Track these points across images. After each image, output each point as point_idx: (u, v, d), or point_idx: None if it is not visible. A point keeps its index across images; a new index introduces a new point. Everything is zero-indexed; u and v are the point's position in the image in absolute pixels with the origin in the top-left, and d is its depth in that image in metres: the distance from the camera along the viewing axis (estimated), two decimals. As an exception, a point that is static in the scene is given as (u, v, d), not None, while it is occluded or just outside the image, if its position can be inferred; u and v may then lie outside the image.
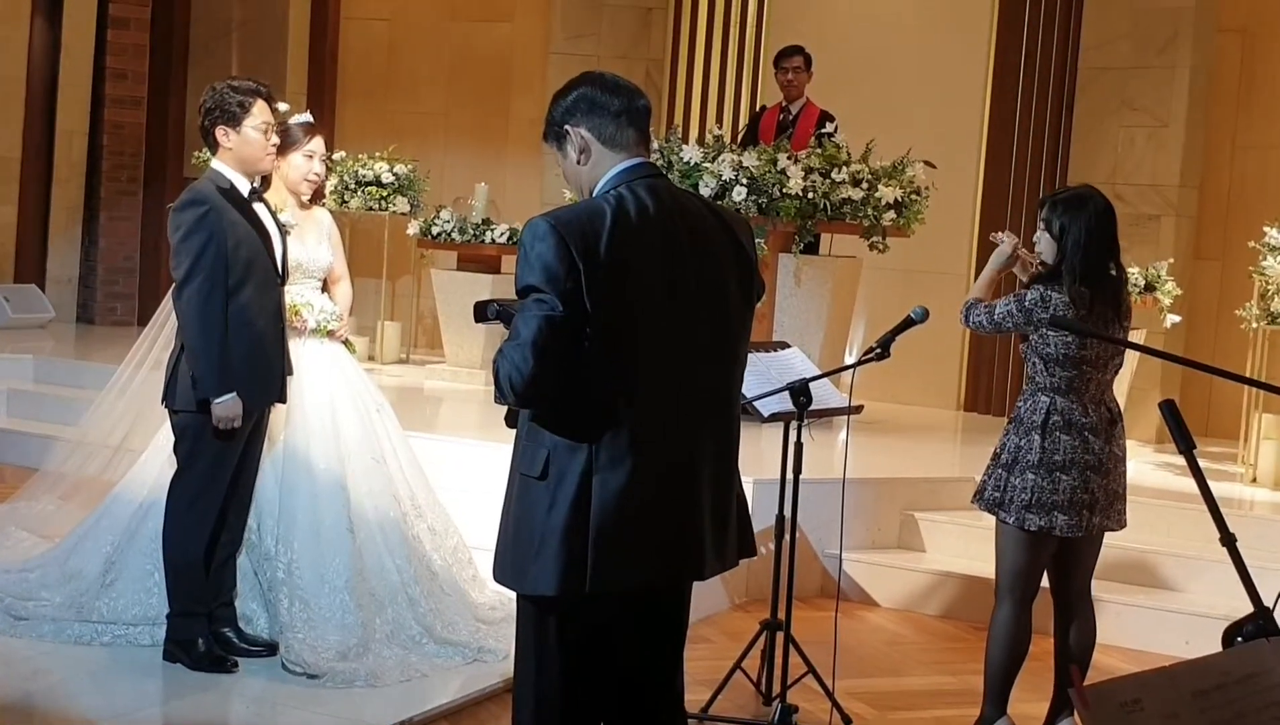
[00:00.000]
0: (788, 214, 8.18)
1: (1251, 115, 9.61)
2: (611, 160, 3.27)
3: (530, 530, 3.18)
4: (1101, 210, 4.71)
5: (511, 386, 3.10)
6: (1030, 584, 4.79)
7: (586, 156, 3.28)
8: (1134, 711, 2.02)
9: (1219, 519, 2.73)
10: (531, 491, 3.18)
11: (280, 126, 5.27)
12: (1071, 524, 4.68)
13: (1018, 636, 4.79)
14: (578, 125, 3.28)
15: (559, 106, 3.32)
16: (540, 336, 3.05)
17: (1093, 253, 4.65)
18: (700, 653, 5.86)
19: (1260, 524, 6.64)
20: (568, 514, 3.14)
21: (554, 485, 3.15)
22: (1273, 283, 7.60)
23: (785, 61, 9.31)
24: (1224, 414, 8.94)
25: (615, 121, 3.27)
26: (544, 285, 3.06)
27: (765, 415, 5.08)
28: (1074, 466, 4.66)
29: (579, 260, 3.06)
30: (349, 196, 10.26)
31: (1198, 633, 5.86)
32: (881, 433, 8.57)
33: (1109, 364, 4.77)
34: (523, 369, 3.07)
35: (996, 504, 4.76)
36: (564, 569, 3.15)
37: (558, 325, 3.06)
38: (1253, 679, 2.14)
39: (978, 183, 10.06)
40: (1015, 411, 4.82)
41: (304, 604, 5.21)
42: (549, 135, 3.36)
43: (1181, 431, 2.80)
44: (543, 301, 3.07)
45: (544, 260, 3.07)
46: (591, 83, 3.31)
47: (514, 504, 3.24)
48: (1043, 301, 4.68)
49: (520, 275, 3.11)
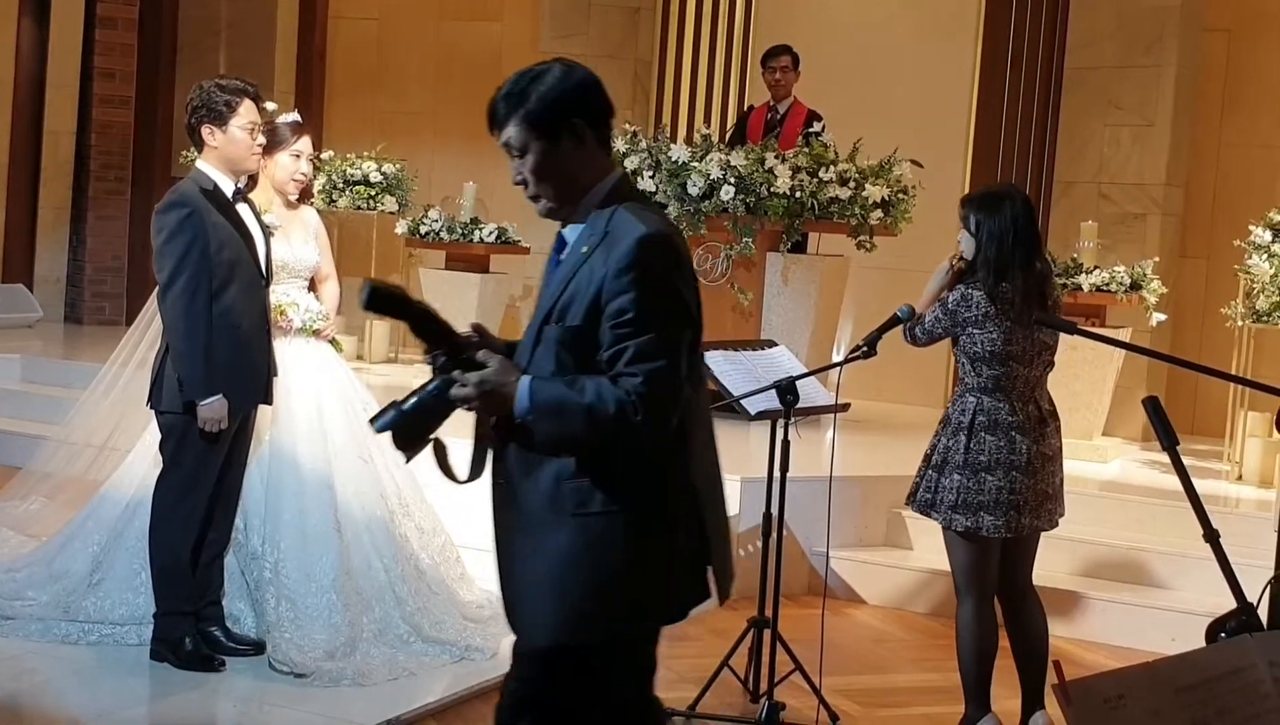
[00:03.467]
0: (775, 213, 8.19)
1: (1237, 114, 9.63)
2: (607, 164, 3.08)
3: (619, 565, 2.98)
4: (1019, 207, 4.74)
5: (667, 415, 2.94)
6: (986, 579, 4.80)
7: (582, 156, 3.02)
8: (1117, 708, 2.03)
9: (1202, 515, 2.75)
10: (610, 527, 2.97)
11: (267, 126, 5.27)
12: (999, 524, 4.69)
13: (982, 632, 4.79)
14: (584, 120, 3.02)
15: (558, 91, 2.99)
16: (681, 359, 2.97)
17: (1007, 248, 4.67)
18: (687, 651, 5.86)
19: (1245, 522, 6.66)
20: (683, 535, 3.05)
21: (647, 510, 3.00)
22: (1258, 281, 7.62)
23: (772, 61, 9.32)
24: (1210, 412, 8.96)
25: (609, 123, 3.09)
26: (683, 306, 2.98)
27: (752, 413, 5.09)
28: (999, 467, 4.67)
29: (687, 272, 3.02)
30: (337, 196, 10.25)
31: (1183, 630, 5.87)
32: (868, 431, 8.58)
33: (1036, 360, 4.78)
34: (674, 395, 2.95)
35: (928, 505, 4.80)
36: (673, 592, 3.08)
37: (691, 342, 3.01)
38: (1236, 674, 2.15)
39: (964, 182, 10.07)
40: (945, 412, 4.85)
41: (291, 603, 5.20)
42: (533, 121, 2.98)
43: (1165, 428, 2.81)
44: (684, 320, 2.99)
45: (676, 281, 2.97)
46: (586, 72, 3.06)
47: (572, 551, 2.98)
48: (964, 301, 4.71)
49: (652, 291, 2.91)
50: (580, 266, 2.98)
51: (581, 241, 3.02)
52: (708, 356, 5.23)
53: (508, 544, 3.08)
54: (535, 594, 3.01)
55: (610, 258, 2.92)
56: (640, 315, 2.89)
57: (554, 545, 2.98)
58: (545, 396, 2.93)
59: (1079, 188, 9.45)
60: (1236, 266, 7.89)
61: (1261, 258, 7.63)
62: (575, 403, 2.90)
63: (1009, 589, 4.91)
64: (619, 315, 2.90)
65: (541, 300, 3.08)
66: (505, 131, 3.02)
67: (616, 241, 2.94)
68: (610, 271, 2.91)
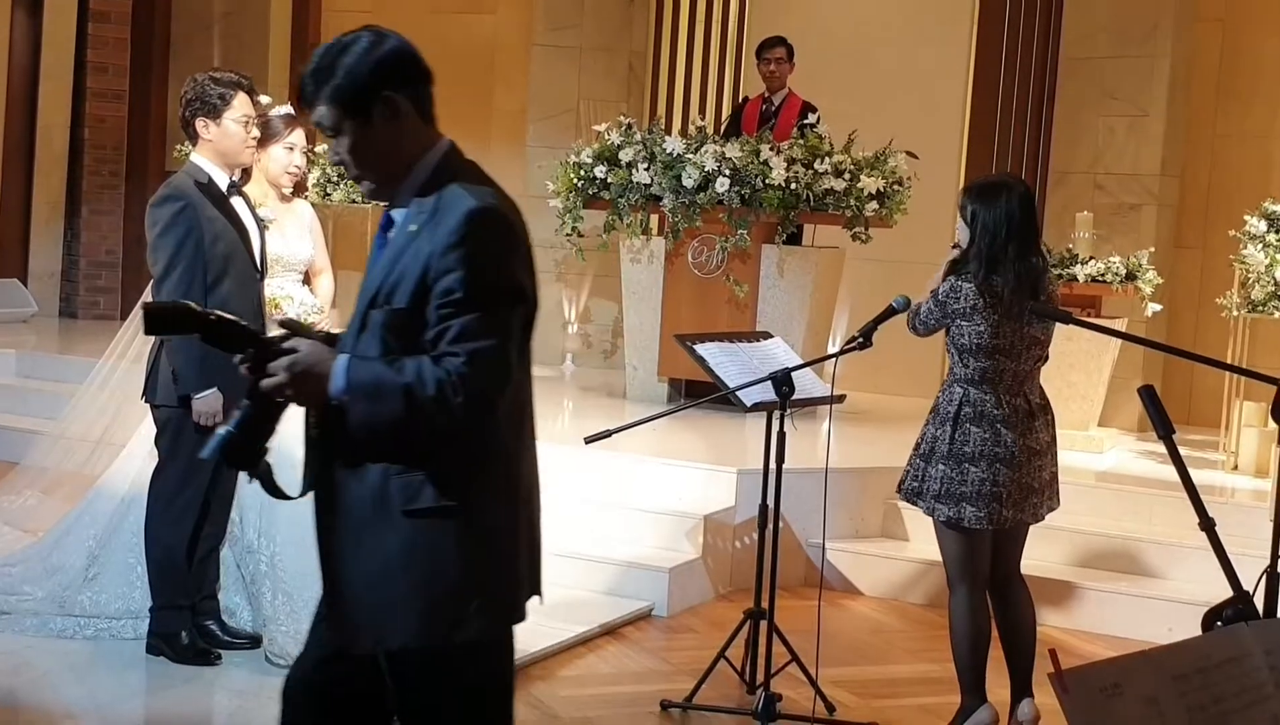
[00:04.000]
0: (771, 205, 8.19)
1: (1231, 104, 9.63)
2: (432, 135, 2.90)
3: (451, 565, 2.80)
4: (1018, 199, 4.71)
5: (490, 398, 2.77)
6: (978, 567, 4.81)
7: (401, 130, 2.85)
8: (1113, 696, 2.03)
9: (1198, 503, 2.75)
10: (443, 524, 2.80)
11: (261, 119, 5.26)
12: (980, 516, 4.69)
13: (976, 620, 4.80)
14: (399, 92, 2.84)
15: (366, 64, 2.83)
16: (510, 341, 2.80)
17: (1000, 240, 4.66)
18: (684, 643, 5.87)
19: (1241, 511, 6.66)
20: (518, 529, 2.90)
21: (483, 504, 2.83)
22: (1253, 271, 7.62)
23: (767, 52, 9.31)
24: (1205, 402, 8.96)
25: (429, 91, 2.91)
26: (519, 278, 2.83)
27: (748, 405, 5.09)
28: (982, 458, 4.67)
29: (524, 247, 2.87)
30: (331, 189, 10.24)
31: (1180, 620, 5.87)
32: (864, 422, 8.59)
33: (1025, 354, 4.76)
34: (500, 377, 2.79)
35: (915, 494, 4.82)
36: (524, 590, 2.92)
37: (524, 322, 2.84)
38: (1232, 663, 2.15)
39: (960, 173, 10.06)
40: (935, 402, 4.85)
41: (287, 596, 5.20)
42: (342, 99, 2.81)
43: (1160, 416, 2.81)
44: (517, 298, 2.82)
45: (511, 253, 2.83)
46: (398, 40, 2.90)
47: (406, 550, 2.80)
48: (954, 292, 4.71)
49: (480, 268, 2.75)
50: (408, 246, 2.81)
51: (409, 220, 2.85)
52: (704, 348, 5.25)
53: (334, 545, 2.89)
54: (370, 596, 2.84)
55: (437, 234, 2.77)
56: (467, 293, 2.73)
57: (383, 545, 2.80)
58: (362, 376, 2.76)
59: (1074, 178, 9.45)
60: (1231, 257, 7.89)
61: (1256, 248, 7.63)
62: (393, 382, 2.73)
63: (994, 579, 4.91)
64: (446, 294, 2.74)
65: (366, 283, 2.90)
66: (316, 111, 2.85)
67: (444, 217, 2.79)
68: (437, 249, 2.76)
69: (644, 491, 6.82)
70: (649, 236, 8.77)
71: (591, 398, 9.33)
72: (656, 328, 8.66)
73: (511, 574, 2.90)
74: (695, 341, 5.30)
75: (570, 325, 10.67)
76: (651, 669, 5.58)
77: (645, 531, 6.59)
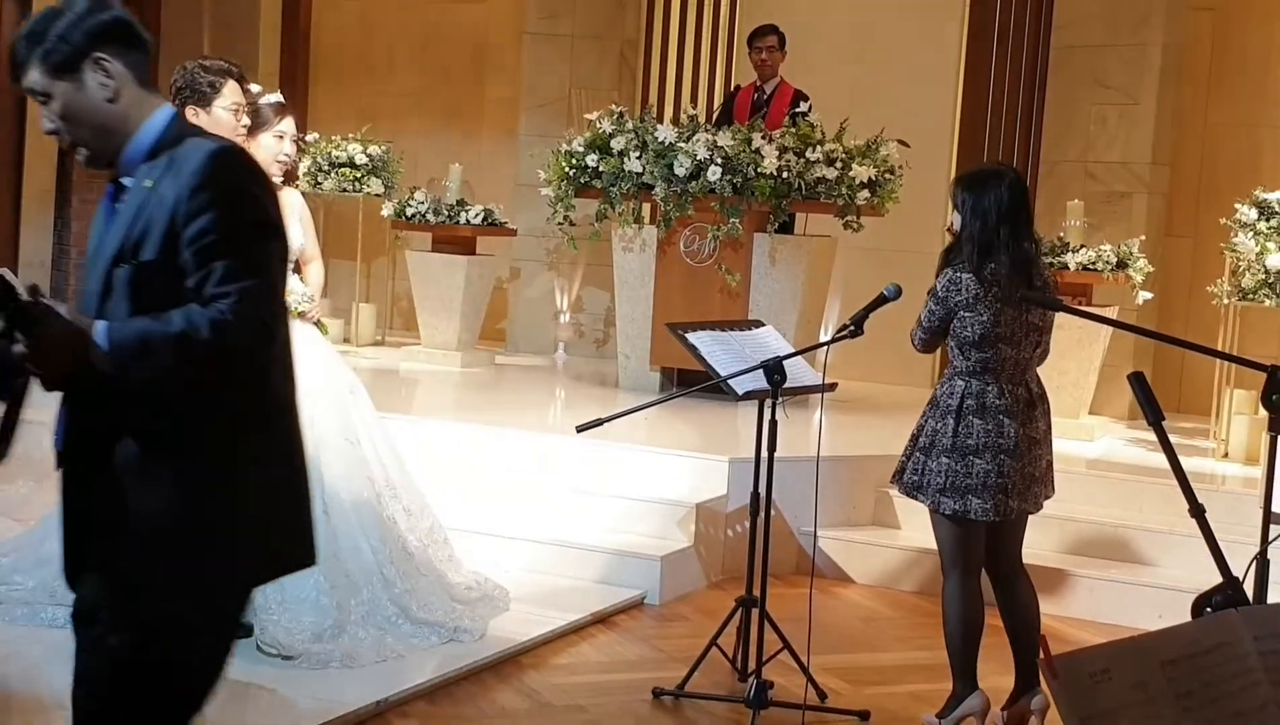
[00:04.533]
0: (763, 194, 8.19)
1: (1222, 93, 9.64)
2: (155, 102, 2.85)
3: (220, 520, 2.75)
4: (1009, 186, 4.74)
5: (270, 332, 2.72)
6: (972, 554, 4.82)
7: (117, 94, 2.79)
8: (1102, 681, 2.03)
9: (1188, 490, 2.75)
10: (209, 478, 2.74)
11: (251, 107, 5.25)
12: (986, 508, 4.70)
13: (969, 607, 4.81)
14: (114, 57, 2.80)
15: (79, 28, 2.78)
16: (276, 275, 2.76)
17: (991, 226, 4.68)
18: (676, 630, 5.88)
19: (1231, 498, 6.68)
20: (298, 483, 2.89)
21: (248, 460, 2.78)
22: (1243, 259, 7.64)
23: (759, 41, 9.31)
24: (1196, 390, 8.99)
25: (146, 59, 2.88)
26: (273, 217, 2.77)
27: (740, 393, 5.09)
28: (987, 450, 4.68)
29: None
30: (322, 178, 10.24)
31: (1170, 607, 5.89)
32: (856, 410, 8.60)
33: (1024, 342, 4.77)
34: (275, 312, 2.74)
35: (915, 487, 4.81)
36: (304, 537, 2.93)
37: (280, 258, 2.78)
38: (1222, 648, 2.16)
39: (951, 161, 10.07)
40: (933, 395, 4.86)
41: (278, 586, 5.19)
42: (52, 60, 2.76)
43: (1150, 403, 2.81)
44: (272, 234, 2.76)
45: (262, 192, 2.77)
46: (118, 8, 2.87)
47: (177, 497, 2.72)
48: (954, 284, 4.72)
49: (231, 206, 2.69)
50: (148, 199, 2.72)
51: (144, 176, 2.76)
52: (696, 337, 5.25)
53: (93, 502, 2.80)
54: (135, 554, 2.73)
55: (180, 180, 2.69)
56: (224, 233, 2.66)
57: (150, 502, 2.71)
58: (125, 335, 2.63)
59: (1065, 167, 9.46)
60: (1222, 245, 7.90)
61: (1247, 236, 7.66)
62: (162, 334, 2.61)
63: (998, 570, 4.92)
64: (200, 237, 2.66)
65: (101, 247, 2.80)
66: (28, 76, 2.79)
67: (184, 164, 2.71)
68: (183, 193, 2.67)
69: (636, 480, 6.82)
70: (641, 225, 8.77)
71: (584, 387, 9.34)
72: (648, 316, 8.66)
73: (272, 530, 2.85)
74: (687, 330, 5.31)
75: (562, 314, 10.67)
76: (644, 657, 5.59)
77: (637, 520, 6.60)
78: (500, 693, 5.07)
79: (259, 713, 4.73)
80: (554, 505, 6.71)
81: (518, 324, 10.76)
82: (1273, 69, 9.52)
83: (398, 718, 4.78)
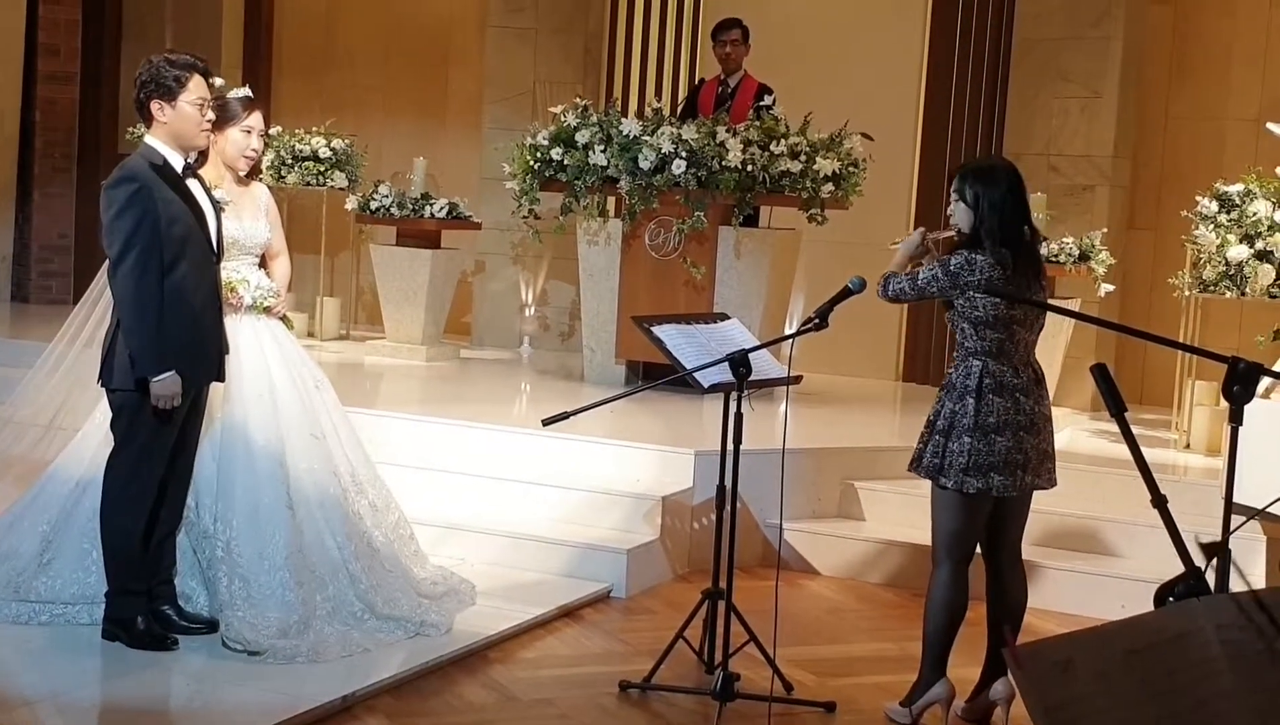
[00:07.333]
0: (727, 187, 8.19)
1: (1184, 86, 9.70)
2: None
3: None
4: (1013, 178, 4.84)
5: None
6: (968, 545, 4.86)
7: None
8: (1066, 670, 2.05)
9: (1150, 480, 2.77)
10: None
11: (218, 101, 5.23)
12: (1006, 483, 4.76)
13: (957, 598, 4.85)
14: None
15: None
16: None
17: (1008, 216, 4.76)
18: (642, 623, 5.89)
19: (1194, 490, 6.72)
20: None
21: None
22: (1205, 251, 7.68)
23: (723, 34, 9.31)
24: (1158, 382, 9.05)
25: None
26: None
27: (705, 386, 5.10)
28: (1007, 427, 4.74)
29: None
30: (286, 172, 10.18)
31: (1133, 597, 5.93)
32: (821, 403, 8.62)
33: (1034, 323, 4.88)
34: None
35: (936, 470, 4.82)
36: None
37: None
38: (1184, 638, 2.17)
39: (914, 154, 10.10)
40: (947, 378, 4.89)
41: (244, 582, 5.18)
42: None
43: (1113, 395, 2.83)
44: None
45: None
46: None
47: None
48: (968, 264, 4.75)
49: None
50: None
51: None
52: (661, 330, 5.25)
53: None
54: None
55: None
56: None
57: None
58: None
59: (1028, 159, 9.48)
60: (1184, 237, 7.95)
61: (1208, 228, 7.70)
62: None
63: (999, 549, 4.96)
64: None
65: None
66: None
67: None
68: None
69: (602, 473, 6.82)
70: (606, 219, 8.77)
71: (549, 380, 9.33)
72: (614, 310, 8.66)
73: None
74: (652, 323, 5.31)
75: (527, 308, 10.66)
76: (610, 650, 5.59)
77: (603, 513, 6.60)
78: (467, 687, 5.07)
79: (224, 708, 4.71)
80: (519, 499, 6.71)
81: (483, 318, 10.75)
82: (1233, 62, 9.59)
83: (364, 712, 4.77)
